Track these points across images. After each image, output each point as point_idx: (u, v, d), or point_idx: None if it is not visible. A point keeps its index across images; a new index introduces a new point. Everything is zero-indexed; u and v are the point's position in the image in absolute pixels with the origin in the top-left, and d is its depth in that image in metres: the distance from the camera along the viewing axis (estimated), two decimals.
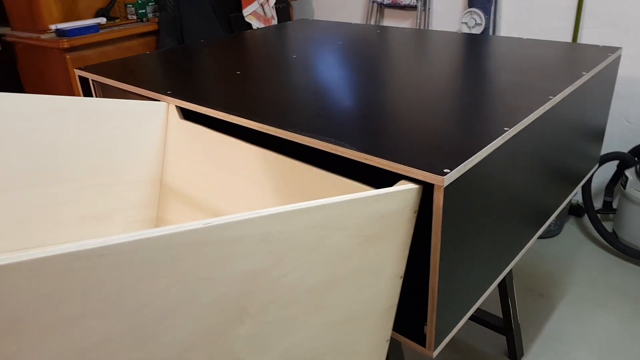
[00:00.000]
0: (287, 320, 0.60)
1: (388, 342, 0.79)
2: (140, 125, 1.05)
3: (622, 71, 2.07)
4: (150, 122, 1.05)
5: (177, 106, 1.06)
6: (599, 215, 2.11)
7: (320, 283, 0.61)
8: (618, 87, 2.09)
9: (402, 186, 0.69)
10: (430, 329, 0.80)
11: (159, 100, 1.08)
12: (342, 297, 0.65)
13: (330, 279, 0.62)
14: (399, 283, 0.76)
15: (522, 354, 1.57)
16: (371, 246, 0.66)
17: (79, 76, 1.28)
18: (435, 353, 0.81)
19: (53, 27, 2.11)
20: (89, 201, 1.02)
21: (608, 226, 2.14)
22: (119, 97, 1.21)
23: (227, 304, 0.53)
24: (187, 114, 1.07)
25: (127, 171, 1.05)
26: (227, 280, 0.51)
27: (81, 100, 0.97)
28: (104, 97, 1.27)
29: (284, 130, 0.86)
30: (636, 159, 2.05)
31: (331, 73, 1.19)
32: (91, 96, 1.29)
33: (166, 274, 0.46)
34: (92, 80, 1.26)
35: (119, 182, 1.05)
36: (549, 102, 0.95)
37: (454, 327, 0.86)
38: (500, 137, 0.80)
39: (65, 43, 2.03)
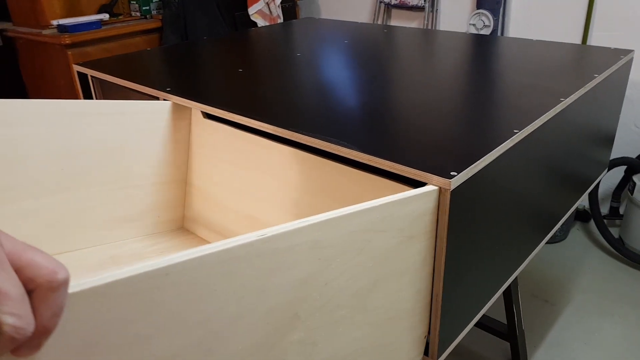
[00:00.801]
0: (334, 323, 0.60)
1: (426, 337, 0.79)
2: (162, 126, 1.05)
3: (631, 75, 2.04)
4: (176, 122, 1.06)
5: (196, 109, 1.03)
6: (605, 220, 2.08)
7: (365, 285, 0.62)
8: (627, 91, 2.06)
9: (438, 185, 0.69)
10: (433, 337, 0.77)
11: (157, 98, 1.05)
12: (385, 297, 0.66)
13: (374, 281, 0.63)
14: None
15: None
16: (412, 246, 0.67)
17: (78, 72, 1.25)
18: None
19: (55, 22, 2.10)
20: (117, 204, 1.03)
21: (614, 232, 2.10)
22: (119, 93, 1.18)
23: (281, 312, 0.54)
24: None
25: (153, 172, 1.05)
26: (281, 290, 0.52)
27: (102, 103, 0.97)
28: (102, 93, 1.25)
29: (286, 129, 0.83)
30: None
31: (336, 72, 1.16)
32: (90, 92, 1.27)
33: (224, 288, 0.47)
34: (91, 76, 1.23)
35: (145, 184, 1.05)
36: (560, 104, 0.92)
37: (458, 335, 0.83)
38: (509, 140, 0.78)
39: (67, 39, 2.01)
